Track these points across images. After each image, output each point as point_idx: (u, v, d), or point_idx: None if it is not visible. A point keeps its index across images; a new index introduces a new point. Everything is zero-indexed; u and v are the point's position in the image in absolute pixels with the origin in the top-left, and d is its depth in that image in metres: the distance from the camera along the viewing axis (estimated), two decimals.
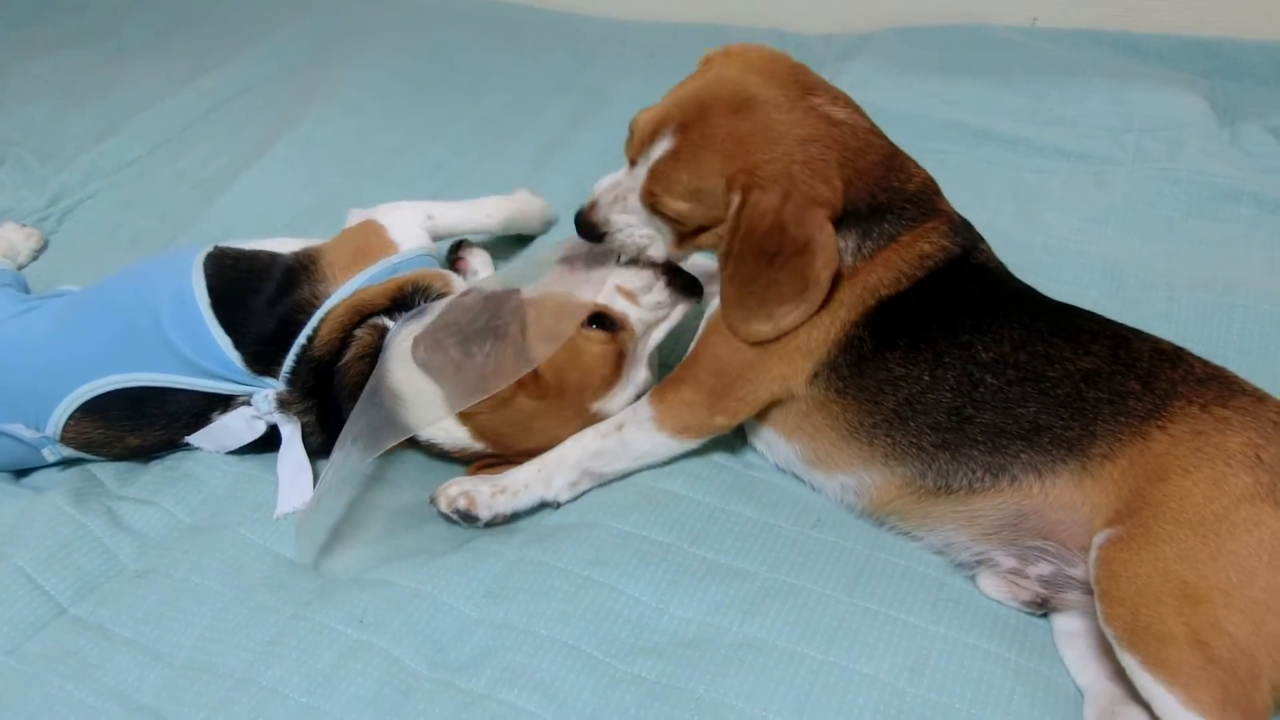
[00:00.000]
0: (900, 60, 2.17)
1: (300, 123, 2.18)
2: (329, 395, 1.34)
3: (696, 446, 1.32)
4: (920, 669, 1.09)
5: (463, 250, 1.69)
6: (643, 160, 1.21)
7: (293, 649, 1.14)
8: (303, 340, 1.31)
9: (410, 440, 1.32)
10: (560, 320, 1.26)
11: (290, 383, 1.32)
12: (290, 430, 1.33)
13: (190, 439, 1.38)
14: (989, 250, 1.29)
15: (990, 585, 1.18)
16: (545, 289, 1.31)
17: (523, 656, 1.11)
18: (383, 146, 2.13)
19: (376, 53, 2.50)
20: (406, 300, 1.35)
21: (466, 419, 1.29)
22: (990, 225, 1.32)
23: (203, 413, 1.35)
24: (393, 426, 1.27)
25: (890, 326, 1.20)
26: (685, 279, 1.34)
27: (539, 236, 1.81)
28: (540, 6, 2.72)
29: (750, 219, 1.16)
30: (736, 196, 1.16)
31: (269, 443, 1.36)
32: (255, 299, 1.34)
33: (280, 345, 1.32)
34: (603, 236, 1.28)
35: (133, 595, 1.22)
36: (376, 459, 1.31)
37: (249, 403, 1.33)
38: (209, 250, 1.40)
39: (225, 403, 1.34)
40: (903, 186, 1.23)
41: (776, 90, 1.18)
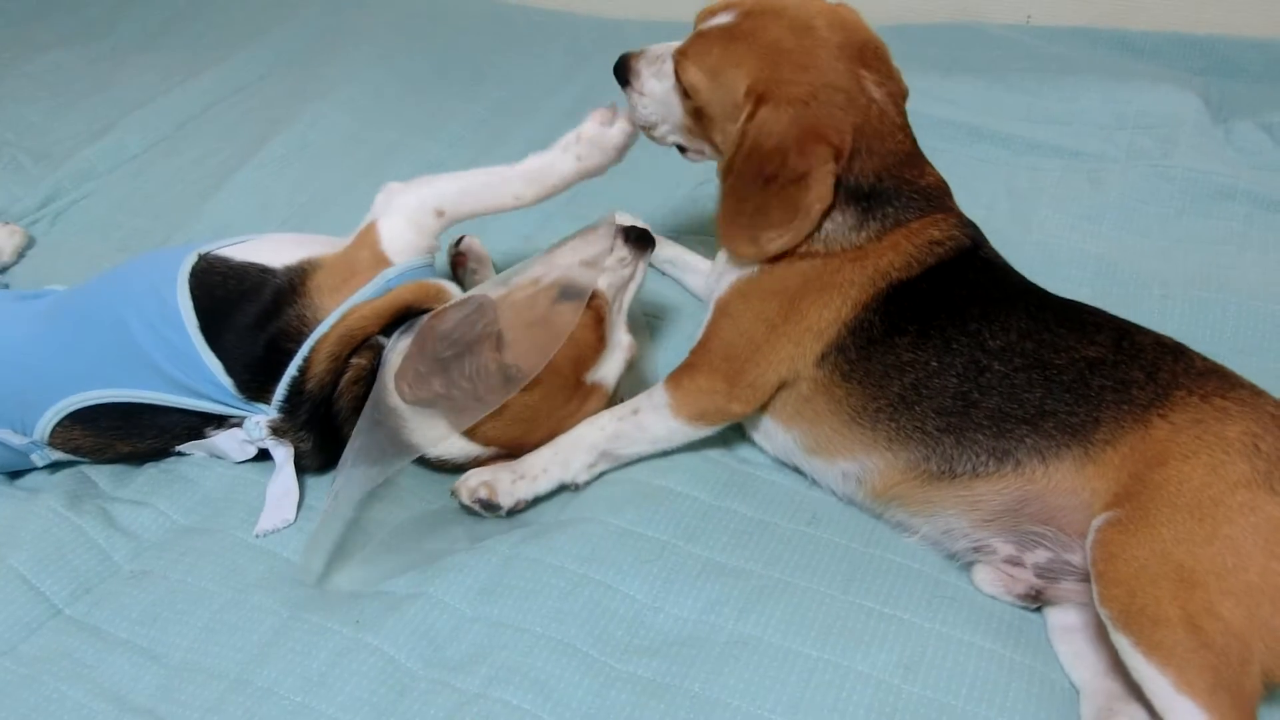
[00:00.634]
0: (896, 58, 2.16)
1: (296, 121, 2.17)
2: (327, 420, 1.30)
3: (712, 433, 1.33)
4: (915, 666, 1.09)
5: (463, 245, 1.67)
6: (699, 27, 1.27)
7: (288, 649, 1.14)
8: (293, 373, 1.27)
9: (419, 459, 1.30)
10: (533, 308, 1.26)
11: (283, 412, 1.29)
12: (283, 455, 1.31)
13: (183, 448, 1.37)
14: (993, 249, 1.31)
15: (985, 579, 1.18)
16: (512, 283, 1.30)
17: (518, 655, 1.11)
18: (378, 144, 2.13)
19: (372, 51, 2.50)
20: (399, 320, 1.31)
21: (471, 432, 1.28)
22: (985, 223, 1.33)
23: (196, 428, 1.33)
24: (400, 447, 1.25)
25: (900, 312, 1.21)
26: (637, 233, 1.36)
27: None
28: (535, 5, 2.72)
29: (757, 133, 1.19)
30: (749, 106, 1.20)
31: (266, 451, 1.34)
32: (242, 321, 1.28)
33: (269, 373, 1.28)
34: (628, 83, 1.34)
35: (128, 596, 1.21)
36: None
37: (240, 425, 1.31)
38: (195, 261, 1.33)
39: (219, 421, 1.32)
40: (915, 180, 1.26)
41: (838, 42, 1.23)
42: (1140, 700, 1.01)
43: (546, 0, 2.73)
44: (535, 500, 1.30)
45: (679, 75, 1.28)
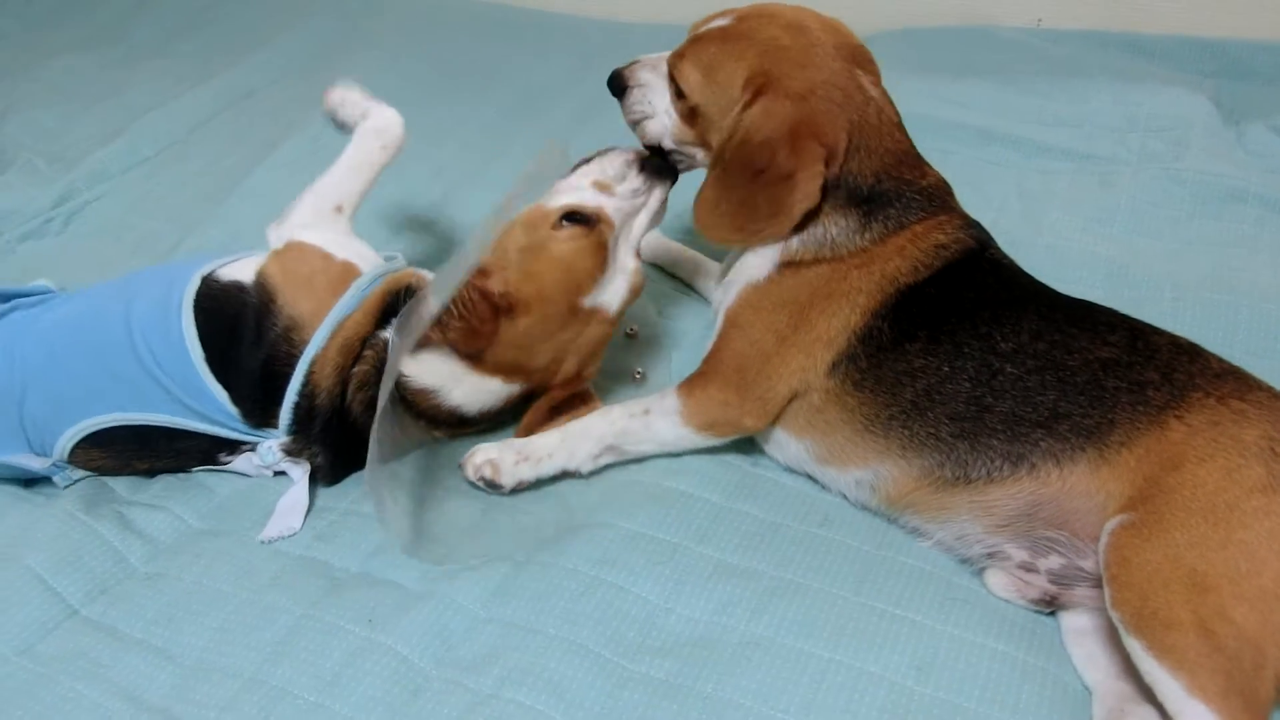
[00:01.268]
0: (905, 61, 2.17)
1: (306, 125, 2.18)
2: (341, 429, 1.30)
3: (722, 444, 1.33)
4: (927, 667, 1.09)
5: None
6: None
7: (302, 649, 1.14)
8: (294, 398, 1.28)
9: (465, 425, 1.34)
10: (533, 233, 1.28)
11: (293, 433, 1.30)
12: (299, 473, 1.32)
13: (199, 470, 1.38)
14: (1000, 249, 1.30)
15: (998, 583, 1.18)
16: (515, 207, 1.28)
17: (531, 655, 1.12)
18: None
19: (381, 56, 2.51)
20: (391, 309, 1.31)
21: (480, 365, 1.29)
22: (995, 225, 1.33)
23: (209, 452, 1.34)
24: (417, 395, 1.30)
25: (909, 317, 1.21)
26: (658, 164, 1.35)
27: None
28: (543, 9, 2.73)
29: (750, 125, 1.20)
30: (747, 96, 1.21)
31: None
32: (238, 348, 1.28)
33: (268, 398, 1.28)
34: (624, 91, 1.35)
35: (144, 597, 1.22)
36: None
37: (254, 449, 1.32)
38: (197, 285, 1.31)
39: (232, 446, 1.33)
40: (914, 180, 1.26)
41: (832, 43, 1.25)
42: (1153, 703, 1.01)
43: (554, 4, 2.74)
44: (538, 482, 1.31)
45: (674, 76, 1.28)
